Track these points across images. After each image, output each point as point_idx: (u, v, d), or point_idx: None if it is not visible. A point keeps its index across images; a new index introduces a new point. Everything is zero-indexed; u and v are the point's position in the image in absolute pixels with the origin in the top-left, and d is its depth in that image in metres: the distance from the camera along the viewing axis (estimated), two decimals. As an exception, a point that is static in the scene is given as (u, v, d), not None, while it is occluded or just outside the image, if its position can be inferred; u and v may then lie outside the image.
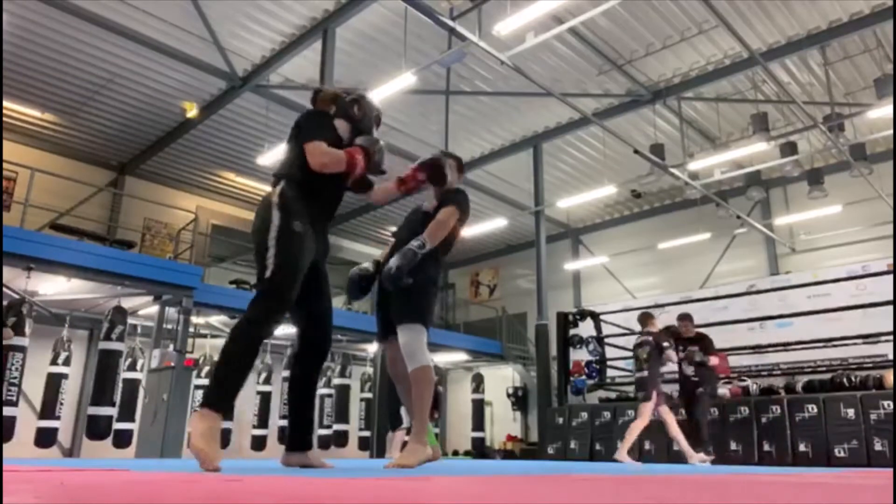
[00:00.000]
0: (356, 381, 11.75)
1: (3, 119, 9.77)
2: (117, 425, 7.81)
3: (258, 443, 10.26)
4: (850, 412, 6.60)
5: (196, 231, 10.10)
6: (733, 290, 10.11)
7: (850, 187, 10.13)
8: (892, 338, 7.13)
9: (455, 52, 7.27)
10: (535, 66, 8.72)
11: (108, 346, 7.80)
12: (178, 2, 7.79)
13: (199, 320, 9.74)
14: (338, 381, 11.12)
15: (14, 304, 7.16)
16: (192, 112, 9.75)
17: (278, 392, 10.51)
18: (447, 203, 3.04)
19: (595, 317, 10.09)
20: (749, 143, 9.18)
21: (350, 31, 8.21)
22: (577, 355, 10.04)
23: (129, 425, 7.95)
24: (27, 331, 7.13)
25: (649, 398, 6.36)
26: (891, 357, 7.64)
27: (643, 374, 6.52)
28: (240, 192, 12.83)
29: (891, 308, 6.89)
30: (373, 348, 11.59)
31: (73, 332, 9.04)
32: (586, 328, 10.11)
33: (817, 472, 3.94)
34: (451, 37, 7.24)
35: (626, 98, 9.75)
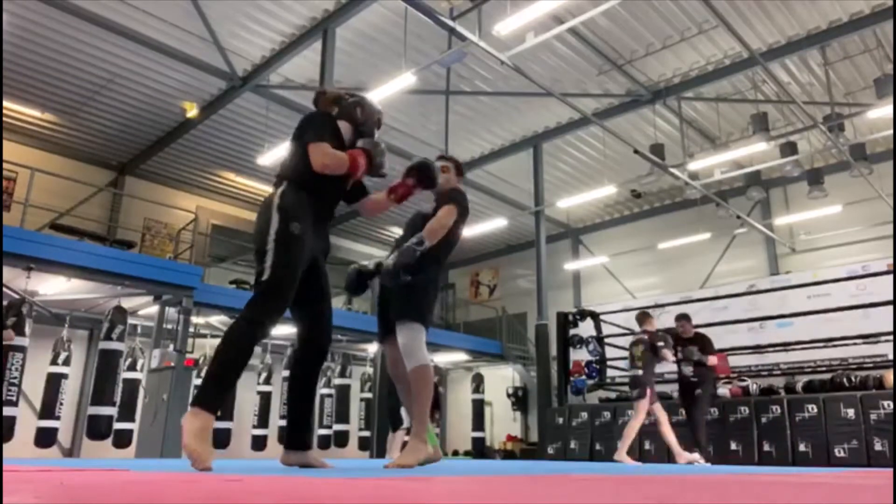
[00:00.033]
0: (356, 381, 11.76)
1: (3, 119, 9.77)
2: (117, 425, 7.81)
3: (258, 443, 10.26)
4: (850, 412, 6.60)
5: (196, 231, 10.12)
6: (733, 290, 10.11)
7: (850, 187, 10.14)
8: (892, 338, 7.13)
9: (455, 52, 7.27)
10: (535, 66, 8.72)
11: (108, 346, 7.80)
12: (178, 2, 7.79)
13: (199, 320, 9.74)
14: (338, 381, 11.13)
15: (14, 304, 7.16)
16: (192, 112, 9.76)
17: (278, 392, 10.51)
18: (445, 202, 3.08)
19: (595, 317, 10.09)
20: (749, 143, 9.18)
21: (350, 31, 8.21)
22: (577, 355, 10.04)
23: (129, 425, 7.95)
24: (27, 331, 7.13)
25: (643, 396, 6.41)
26: (891, 357, 7.64)
27: (638, 373, 6.57)
28: (240, 192, 12.84)
29: (891, 308, 6.89)
30: (373, 348, 11.59)
31: (73, 332, 9.04)
32: (586, 328, 10.11)
33: (817, 472, 3.94)
34: (451, 37, 7.24)
35: (626, 98, 9.75)
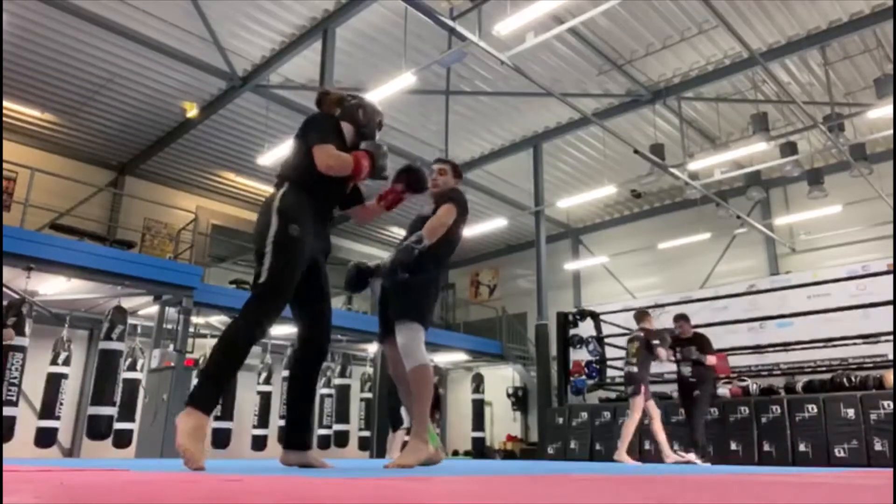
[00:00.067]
0: (356, 381, 11.76)
1: (3, 119, 9.77)
2: (117, 425, 7.81)
3: (258, 443, 10.25)
4: (850, 412, 6.60)
5: (196, 231, 10.12)
6: (733, 290, 10.11)
7: (850, 187, 10.14)
8: (892, 338, 7.13)
9: (455, 52, 7.27)
10: (535, 66, 8.72)
11: (108, 346, 7.80)
12: (178, 2, 7.79)
13: (199, 320, 9.75)
14: (338, 381, 11.13)
15: (14, 304, 7.16)
16: (192, 112, 9.76)
17: (278, 392, 10.50)
18: (444, 202, 3.11)
19: (595, 317, 10.09)
20: (749, 143, 9.18)
21: (350, 31, 8.21)
22: (577, 355, 10.04)
23: (129, 425, 7.95)
24: (27, 331, 7.13)
25: (638, 392, 6.44)
26: (891, 357, 7.64)
27: (633, 370, 6.60)
28: (240, 192, 12.84)
29: (891, 308, 6.89)
30: (373, 348, 11.60)
31: (73, 332, 9.04)
32: (586, 328, 10.11)
33: (817, 472, 3.94)
34: (451, 37, 7.24)
35: (626, 98, 9.75)
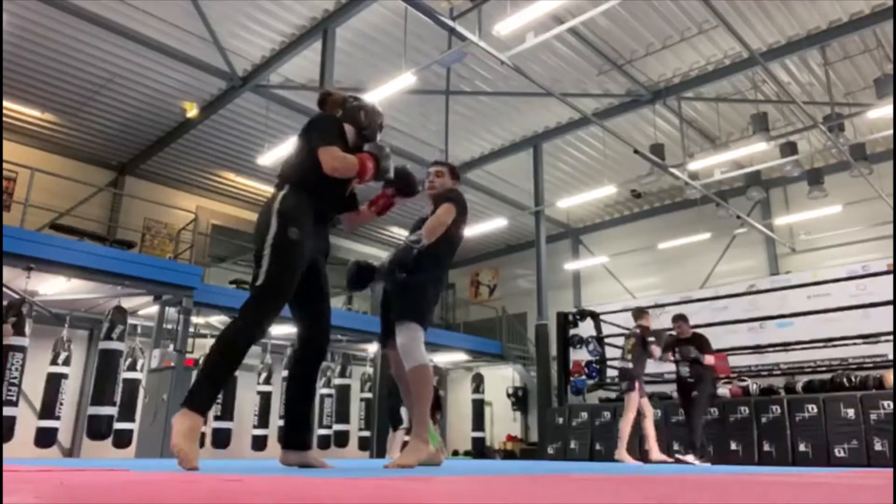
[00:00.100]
0: (356, 381, 11.75)
1: (3, 119, 9.77)
2: (117, 425, 7.81)
3: (258, 443, 10.25)
4: (850, 412, 6.60)
5: (196, 231, 10.12)
6: (733, 290, 10.11)
7: (850, 187, 10.14)
8: (892, 338, 7.13)
9: (455, 52, 7.27)
10: (535, 66, 8.72)
11: (108, 346, 7.79)
12: (178, 2, 7.79)
13: (199, 320, 9.75)
14: (338, 381, 11.12)
15: (14, 304, 7.16)
16: (192, 112, 9.76)
17: (278, 392, 10.50)
18: (443, 202, 3.13)
19: (595, 317, 10.09)
20: (749, 143, 9.18)
21: (350, 31, 8.21)
22: (577, 355, 10.04)
23: (129, 425, 7.94)
24: (27, 331, 7.13)
25: (632, 388, 6.46)
26: (891, 357, 7.64)
27: (627, 366, 6.63)
28: (240, 192, 12.83)
29: (891, 308, 6.89)
30: (373, 348, 11.60)
31: (73, 332, 9.04)
32: (586, 328, 10.11)
33: (817, 472, 3.94)
34: (451, 37, 7.24)
35: (626, 98, 9.75)
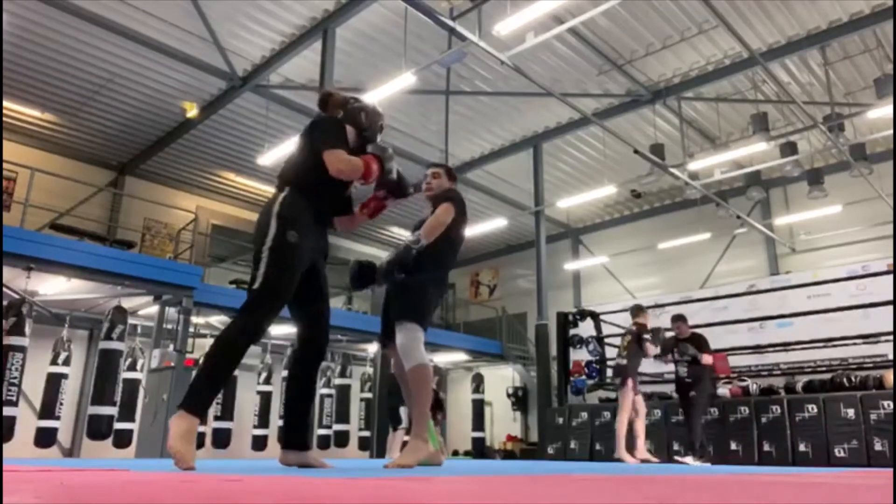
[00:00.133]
0: (356, 381, 11.76)
1: (3, 119, 9.77)
2: (117, 425, 7.81)
3: (258, 443, 10.26)
4: (850, 412, 6.60)
5: (196, 231, 10.12)
6: (733, 290, 10.11)
7: (850, 187, 10.14)
8: (892, 338, 7.13)
9: (455, 52, 7.27)
10: (535, 66, 8.72)
11: (108, 346, 7.80)
12: (178, 2, 7.79)
13: (199, 320, 9.75)
14: (338, 381, 11.13)
15: (14, 304, 7.16)
16: (192, 112, 9.76)
17: (278, 392, 10.50)
18: (442, 202, 3.14)
19: (595, 317, 10.09)
20: (749, 143, 9.18)
21: (350, 31, 8.21)
22: (577, 355, 10.04)
23: (129, 425, 7.95)
24: (27, 331, 7.13)
25: (625, 385, 6.49)
26: (891, 357, 7.64)
27: (621, 362, 6.66)
28: (240, 192, 12.83)
29: (891, 308, 6.89)
30: (373, 348, 11.60)
31: (73, 332, 9.04)
32: (586, 328, 10.12)
33: (817, 472, 3.94)
34: (451, 37, 7.24)
35: (626, 98, 9.75)
